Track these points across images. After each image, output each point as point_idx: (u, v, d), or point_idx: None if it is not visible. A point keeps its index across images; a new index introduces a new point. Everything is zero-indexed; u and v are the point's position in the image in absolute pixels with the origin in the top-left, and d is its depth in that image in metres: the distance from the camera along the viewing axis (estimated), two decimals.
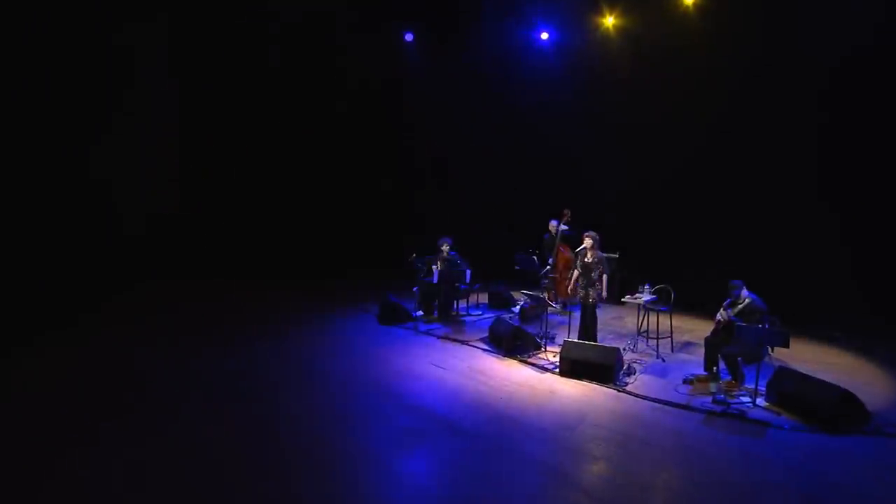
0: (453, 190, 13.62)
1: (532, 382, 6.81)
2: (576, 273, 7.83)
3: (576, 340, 7.23)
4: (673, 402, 6.12)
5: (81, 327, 8.92)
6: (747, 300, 6.43)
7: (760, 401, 6.03)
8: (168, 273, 12.40)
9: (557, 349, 7.25)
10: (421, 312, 9.57)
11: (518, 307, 9.53)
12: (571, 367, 6.85)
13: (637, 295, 7.66)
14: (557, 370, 6.99)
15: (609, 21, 11.20)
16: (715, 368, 6.41)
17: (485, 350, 7.93)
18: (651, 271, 8.74)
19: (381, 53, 13.38)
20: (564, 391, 6.53)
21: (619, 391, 6.45)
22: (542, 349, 7.70)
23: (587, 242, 7.65)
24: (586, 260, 7.67)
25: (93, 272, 11.39)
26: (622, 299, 7.84)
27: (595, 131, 11.43)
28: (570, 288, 7.98)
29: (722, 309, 6.52)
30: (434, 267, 9.34)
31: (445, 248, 9.43)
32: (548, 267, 9.12)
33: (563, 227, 9.78)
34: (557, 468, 4.90)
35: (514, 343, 7.61)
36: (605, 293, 7.51)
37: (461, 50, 12.82)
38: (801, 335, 8.23)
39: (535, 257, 9.45)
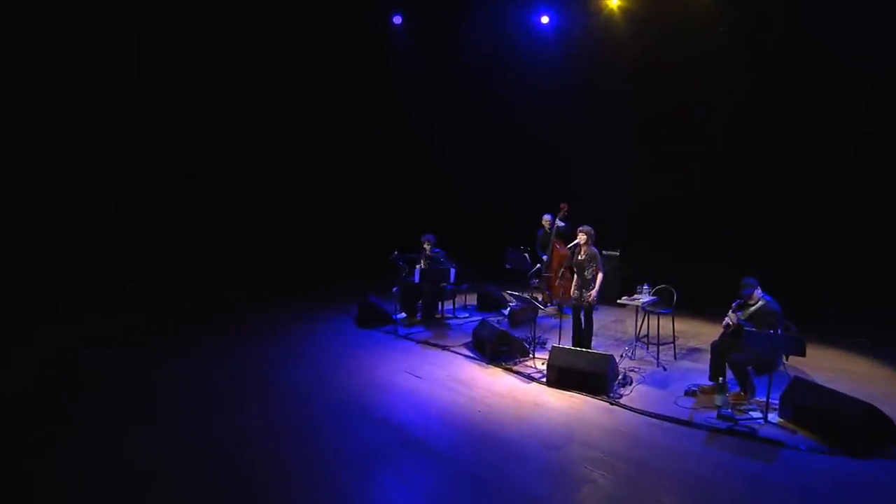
0: (447, 185, 13.05)
1: (516, 393, 6.20)
2: (571, 272, 7.21)
3: (564, 346, 6.61)
4: (672, 417, 5.50)
5: (37, 327, 8.46)
6: (760, 302, 5.79)
7: (773, 416, 5.39)
8: (145, 272, 11.87)
9: (547, 356, 6.63)
10: (403, 315, 8.99)
11: (508, 309, 8.91)
12: (559, 377, 6.24)
13: (635, 296, 7.02)
14: (545, 379, 6.39)
15: (614, 2, 10.56)
16: (721, 379, 5.77)
17: (467, 357, 7.32)
18: (655, 269, 8.18)
19: (368, 38, 12.81)
20: (551, 404, 5.92)
21: (612, 404, 5.83)
22: (531, 356, 7.09)
23: (581, 238, 7.04)
24: (579, 257, 7.05)
25: (60, 270, 10.93)
26: (618, 300, 7.19)
27: (597, 122, 10.80)
28: (568, 288, 7.36)
29: (731, 311, 5.88)
30: (418, 265, 8.76)
31: (428, 245, 8.84)
32: (538, 266, 8.50)
33: (559, 222, 9.16)
34: (538, 496, 4.30)
35: (499, 349, 7.01)
36: (595, 295, 6.86)
37: (454, 34, 12.22)
38: (817, 340, 7.60)
39: (527, 255, 8.83)
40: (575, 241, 7.14)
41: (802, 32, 8.38)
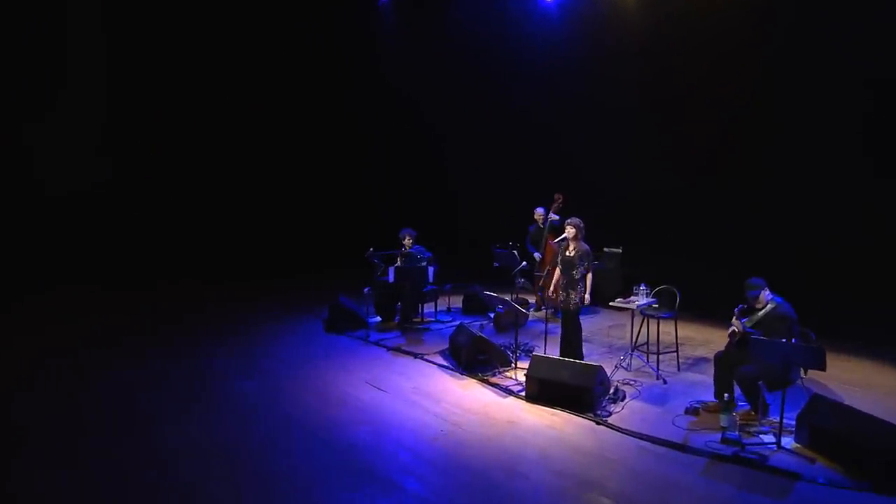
0: (440, 177, 12.44)
1: (489, 409, 5.56)
2: (556, 271, 6.57)
3: (546, 356, 5.97)
4: (667, 440, 4.82)
5: None
6: (769, 305, 5.10)
7: (787, 440, 4.69)
8: (100, 273, 11.40)
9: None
10: (379, 318, 8.41)
11: (493, 313, 8.28)
12: (540, 390, 5.59)
13: (631, 298, 6.34)
14: (524, 393, 5.75)
15: None
16: (727, 395, 5.09)
17: (441, 366, 6.70)
18: (661, 268, 7.53)
19: (351, 18, 12.23)
20: (527, 422, 5.28)
21: (598, 423, 5.17)
22: (513, 366, 6.44)
23: (569, 231, 6.38)
24: (567, 254, 6.40)
25: (18, 268, 10.55)
26: (610, 303, 6.52)
27: (601, 106, 10.06)
28: (555, 289, 6.73)
29: (734, 317, 5.19)
30: (395, 264, 8.17)
31: (408, 240, 8.24)
32: (523, 263, 7.86)
33: (553, 215, 8.52)
34: None
35: (475, 357, 6.38)
36: (587, 296, 6.21)
37: (444, 13, 11.60)
38: (843, 349, 6.89)
39: (516, 252, 8.18)
40: (562, 236, 6.49)
41: (825, 10, 7.60)
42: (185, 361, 6.97)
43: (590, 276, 6.22)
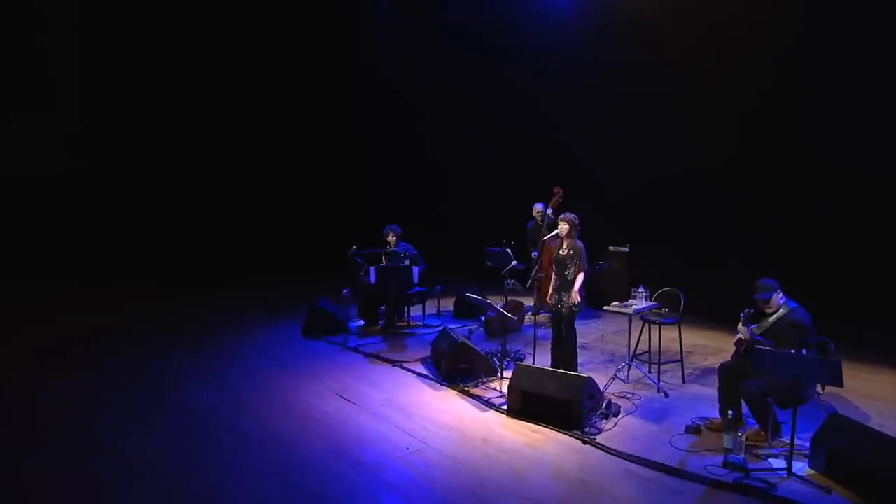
0: (434, 169, 12.06)
1: (466, 425, 5.15)
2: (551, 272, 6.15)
3: (530, 365, 5.54)
4: (661, 463, 4.36)
5: None
6: (781, 310, 4.62)
7: (800, 466, 4.21)
8: (74, 271, 11.21)
9: None
10: (362, 322, 8.05)
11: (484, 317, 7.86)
12: (523, 404, 5.17)
13: (629, 301, 5.88)
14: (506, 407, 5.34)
15: None
16: (731, 412, 4.61)
17: (419, 375, 6.30)
18: (671, 268, 7.10)
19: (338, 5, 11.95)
20: (505, 440, 4.85)
21: (584, 442, 4.73)
22: (498, 375, 6.02)
23: (562, 228, 5.94)
24: (560, 252, 5.96)
25: None
26: (605, 307, 6.05)
27: (606, 93, 9.58)
28: (545, 290, 6.32)
29: (740, 323, 4.72)
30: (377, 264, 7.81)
31: (392, 238, 7.87)
32: (513, 263, 7.44)
33: (551, 211, 8.07)
34: None
35: (456, 366, 5.97)
36: (579, 298, 5.76)
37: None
38: (869, 361, 6.38)
39: (510, 250, 7.75)
40: (555, 232, 6.06)
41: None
42: (148, 364, 6.70)
43: (581, 276, 5.76)
